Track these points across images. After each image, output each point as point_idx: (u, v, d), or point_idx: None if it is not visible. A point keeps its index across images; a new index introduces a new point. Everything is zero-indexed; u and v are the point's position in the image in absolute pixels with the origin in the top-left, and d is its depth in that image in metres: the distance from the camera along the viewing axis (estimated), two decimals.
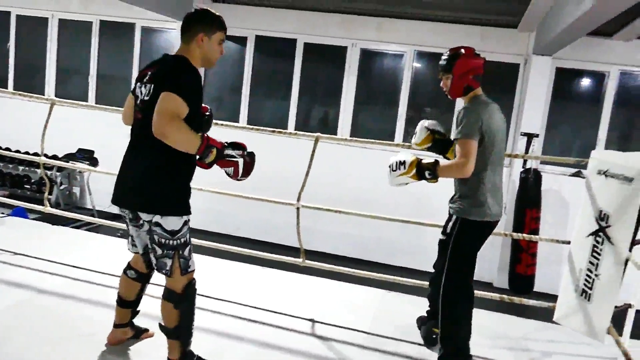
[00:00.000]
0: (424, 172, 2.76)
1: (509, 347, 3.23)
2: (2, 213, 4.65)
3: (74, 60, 9.41)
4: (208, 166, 2.40)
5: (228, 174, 2.47)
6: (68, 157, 8.30)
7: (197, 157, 2.37)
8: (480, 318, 3.70)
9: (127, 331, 2.82)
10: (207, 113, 2.67)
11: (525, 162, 7.04)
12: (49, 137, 4.41)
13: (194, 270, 2.52)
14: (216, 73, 8.61)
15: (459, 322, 2.87)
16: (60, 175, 8.70)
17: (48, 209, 4.51)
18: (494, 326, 3.56)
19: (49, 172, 8.63)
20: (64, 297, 3.31)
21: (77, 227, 5.98)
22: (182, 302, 2.47)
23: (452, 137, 2.92)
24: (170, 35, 8.73)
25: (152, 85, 2.36)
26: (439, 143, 3.15)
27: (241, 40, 8.38)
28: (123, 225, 4.73)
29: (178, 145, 2.26)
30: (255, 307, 3.51)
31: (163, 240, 2.40)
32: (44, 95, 8.97)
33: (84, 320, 3.05)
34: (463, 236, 2.84)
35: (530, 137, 7.16)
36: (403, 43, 7.84)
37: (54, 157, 8.19)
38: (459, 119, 2.78)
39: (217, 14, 2.51)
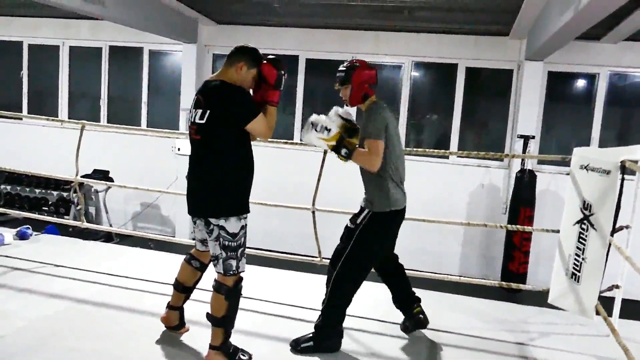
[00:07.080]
0: (342, 148, 2.98)
1: (509, 330, 3.53)
2: (36, 232, 5.01)
3: (85, 84, 9.80)
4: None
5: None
6: (84, 178, 8.65)
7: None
8: (481, 305, 4.04)
9: (177, 317, 3.20)
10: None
11: (523, 162, 7.32)
12: (63, 159, 4.76)
13: (244, 270, 2.91)
14: None
15: (341, 305, 3.12)
16: (77, 196, 9.03)
17: (85, 224, 4.91)
18: (494, 312, 3.87)
19: (64, 194, 8.99)
20: (103, 302, 3.66)
21: (106, 242, 6.36)
22: (231, 295, 2.85)
23: (360, 136, 3.13)
24: (177, 57, 9.10)
25: (209, 111, 2.74)
26: (348, 130, 3.22)
27: None
28: (150, 235, 5.13)
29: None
30: (278, 303, 3.84)
31: (227, 243, 2.80)
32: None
33: (125, 320, 3.40)
34: (370, 228, 3.05)
35: (526, 139, 7.46)
36: (401, 55, 8.18)
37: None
38: (366, 121, 3.05)
39: (264, 55, 2.91)
